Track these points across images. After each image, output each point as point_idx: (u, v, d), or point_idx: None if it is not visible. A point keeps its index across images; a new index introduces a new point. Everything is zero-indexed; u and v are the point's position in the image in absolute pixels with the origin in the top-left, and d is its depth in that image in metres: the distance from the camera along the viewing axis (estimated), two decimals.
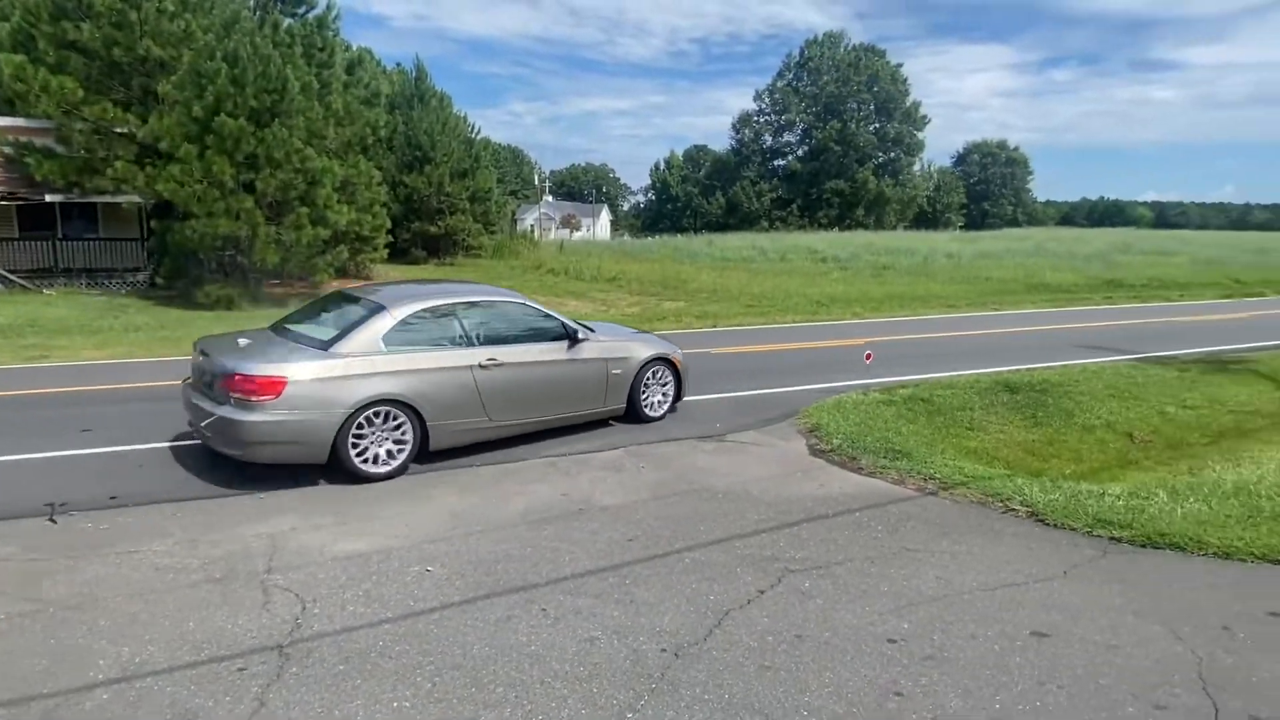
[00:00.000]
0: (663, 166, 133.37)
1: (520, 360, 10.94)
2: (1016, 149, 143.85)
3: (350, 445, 9.55)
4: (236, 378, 9.27)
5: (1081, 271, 44.03)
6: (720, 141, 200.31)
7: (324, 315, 10.70)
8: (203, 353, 9.99)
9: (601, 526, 8.31)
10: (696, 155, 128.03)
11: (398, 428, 9.87)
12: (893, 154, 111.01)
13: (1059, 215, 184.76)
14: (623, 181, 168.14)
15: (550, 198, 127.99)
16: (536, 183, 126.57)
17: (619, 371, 12.09)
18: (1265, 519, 8.38)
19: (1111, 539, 8.03)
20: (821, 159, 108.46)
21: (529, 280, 37.35)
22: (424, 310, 10.48)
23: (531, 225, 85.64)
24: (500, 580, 7.17)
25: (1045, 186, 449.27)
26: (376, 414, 9.72)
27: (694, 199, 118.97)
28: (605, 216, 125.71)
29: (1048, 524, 8.42)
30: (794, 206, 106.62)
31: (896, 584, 7.19)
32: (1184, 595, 6.98)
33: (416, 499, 9.04)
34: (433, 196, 45.75)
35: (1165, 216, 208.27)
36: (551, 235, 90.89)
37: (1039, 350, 19.58)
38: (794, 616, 6.63)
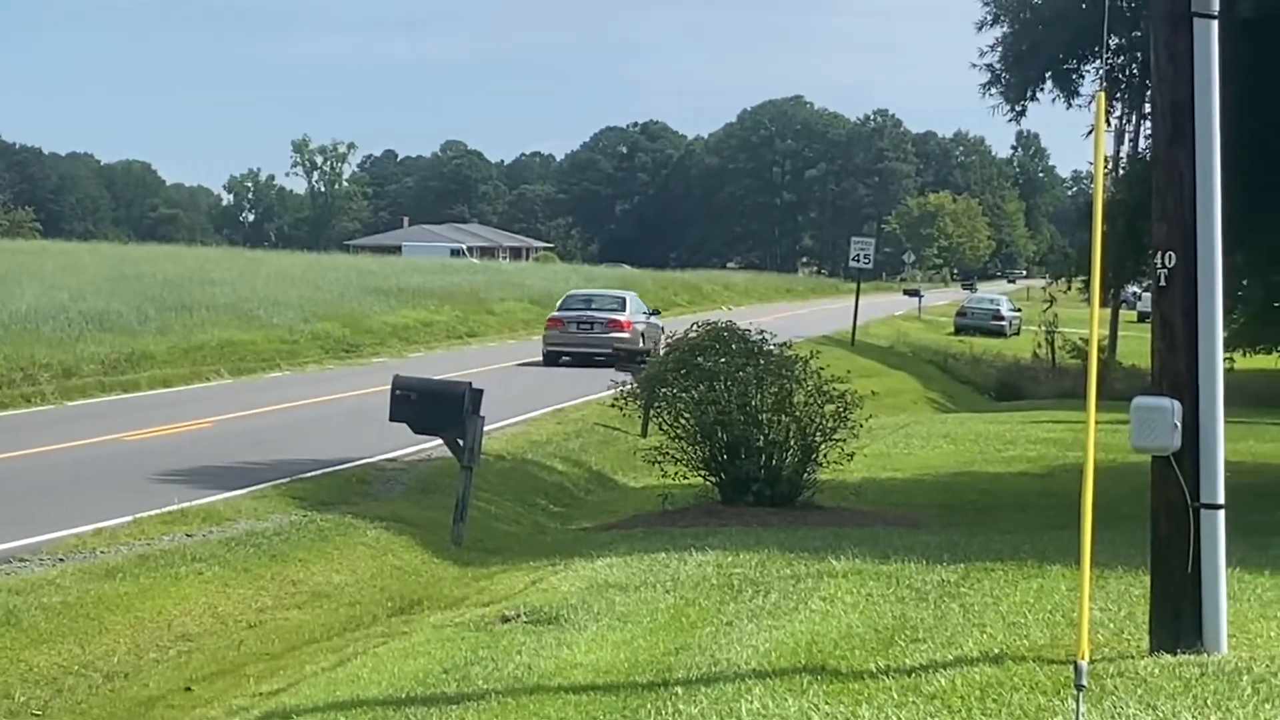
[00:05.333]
0: None
1: (654, 321, 27.66)
2: None
3: (645, 355, 21.69)
4: (621, 322, 26.60)
5: None
6: None
7: (589, 298, 28.59)
8: (583, 316, 27.12)
9: None
10: None
11: (647, 349, 23.67)
12: None
13: None
14: None
15: None
16: None
17: (654, 335, 26.60)
18: None
19: None
20: None
21: None
22: (634, 295, 29.25)
23: None
24: None
25: None
26: (642, 339, 26.22)
27: None
28: None
29: None
30: None
31: None
32: None
33: None
34: None
35: None
36: None
37: None
38: None
